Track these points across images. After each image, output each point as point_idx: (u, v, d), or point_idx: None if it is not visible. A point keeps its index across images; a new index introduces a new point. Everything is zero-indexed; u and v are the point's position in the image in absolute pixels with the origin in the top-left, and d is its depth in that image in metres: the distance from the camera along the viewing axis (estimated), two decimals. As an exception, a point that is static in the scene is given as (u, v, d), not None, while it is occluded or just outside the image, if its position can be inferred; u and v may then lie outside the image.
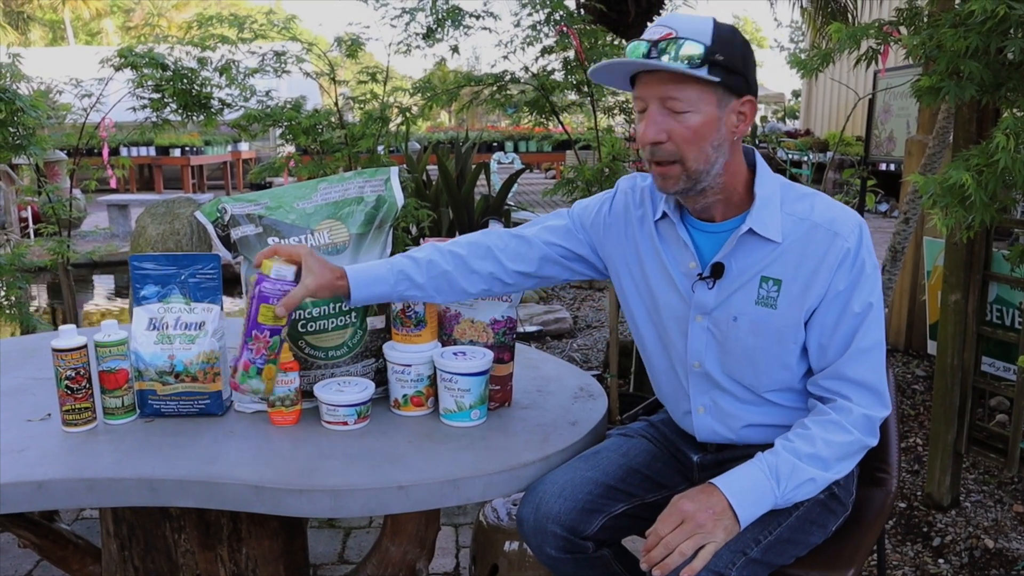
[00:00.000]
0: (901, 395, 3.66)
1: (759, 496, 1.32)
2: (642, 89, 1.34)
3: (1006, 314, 2.69)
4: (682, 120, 1.31)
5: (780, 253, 1.39)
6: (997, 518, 2.64)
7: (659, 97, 1.32)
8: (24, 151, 3.23)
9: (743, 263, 1.41)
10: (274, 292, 1.41)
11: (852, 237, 1.37)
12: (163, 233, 3.85)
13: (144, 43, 3.52)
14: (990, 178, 1.86)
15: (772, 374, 1.44)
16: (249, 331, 1.43)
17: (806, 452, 1.34)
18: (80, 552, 1.87)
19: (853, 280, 1.37)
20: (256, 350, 1.43)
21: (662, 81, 1.31)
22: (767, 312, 1.40)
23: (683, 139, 1.32)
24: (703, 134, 1.32)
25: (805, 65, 2.59)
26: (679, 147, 1.32)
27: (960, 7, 2.05)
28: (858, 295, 1.37)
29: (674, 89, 1.30)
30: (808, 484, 1.34)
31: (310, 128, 3.47)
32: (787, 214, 1.39)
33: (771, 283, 1.39)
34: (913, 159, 3.92)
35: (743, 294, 1.41)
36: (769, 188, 1.41)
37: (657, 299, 1.50)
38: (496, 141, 15.75)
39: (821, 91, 14.07)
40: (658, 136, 1.32)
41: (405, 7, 3.71)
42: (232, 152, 14.72)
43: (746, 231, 1.38)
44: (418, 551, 1.62)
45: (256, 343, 1.43)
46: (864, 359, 1.38)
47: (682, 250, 1.46)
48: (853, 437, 1.36)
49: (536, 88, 3.59)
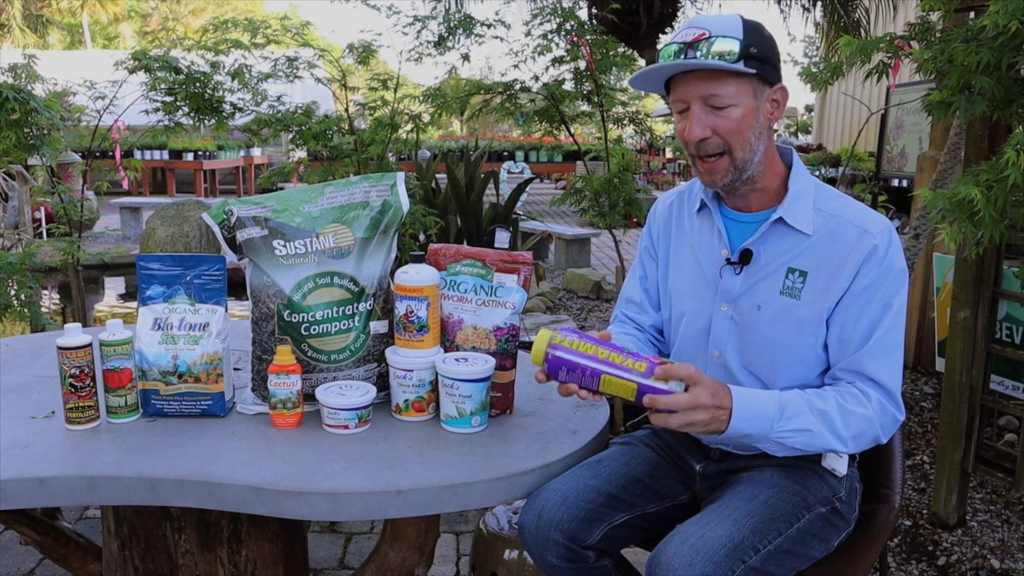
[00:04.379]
0: (909, 412, 3.64)
1: (758, 418, 1.33)
2: (682, 90, 1.39)
3: (1016, 332, 2.67)
4: (724, 115, 1.37)
5: (808, 245, 1.43)
6: (1004, 538, 2.61)
7: (700, 96, 1.37)
8: (38, 152, 3.26)
9: (771, 252, 1.45)
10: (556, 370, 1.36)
11: (881, 236, 1.40)
12: (172, 235, 3.88)
13: (160, 47, 3.55)
14: (1000, 194, 1.85)
15: (789, 369, 1.45)
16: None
17: (818, 407, 1.35)
18: (81, 550, 1.87)
19: (879, 277, 1.39)
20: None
21: (701, 80, 1.36)
22: (791, 303, 1.42)
23: (728, 132, 1.37)
24: (745, 125, 1.38)
25: (816, 78, 2.59)
26: (725, 140, 1.38)
27: (972, 22, 2.05)
28: (882, 292, 1.39)
29: (714, 86, 1.36)
30: (805, 434, 1.34)
31: (320, 134, 3.50)
32: (819, 210, 1.44)
33: (797, 274, 1.43)
34: (925, 175, 3.90)
35: (769, 283, 1.44)
36: (803, 184, 1.46)
37: (685, 287, 1.56)
38: (507, 150, 15.79)
39: (834, 106, 14.04)
40: (704, 133, 1.38)
41: (417, 15, 3.74)
42: (244, 157, 14.82)
43: (776, 220, 1.43)
44: (417, 557, 1.62)
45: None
46: (883, 358, 1.38)
47: (716, 238, 1.51)
48: (868, 412, 1.36)
49: (546, 97, 3.60)
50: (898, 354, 1.40)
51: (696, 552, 1.28)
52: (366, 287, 1.62)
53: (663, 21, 5.26)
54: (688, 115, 1.39)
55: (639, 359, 1.34)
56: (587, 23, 3.80)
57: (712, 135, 1.38)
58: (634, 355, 1.34)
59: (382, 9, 3.93)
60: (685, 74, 1.38)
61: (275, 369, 1.53)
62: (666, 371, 1.31)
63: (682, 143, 1.43)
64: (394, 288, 1.61)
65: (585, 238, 7.75)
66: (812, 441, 1.34)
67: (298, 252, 1.58)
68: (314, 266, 1.58)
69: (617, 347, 1.36)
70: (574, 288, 6.53)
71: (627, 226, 3.62)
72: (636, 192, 3.66)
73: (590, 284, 6.39)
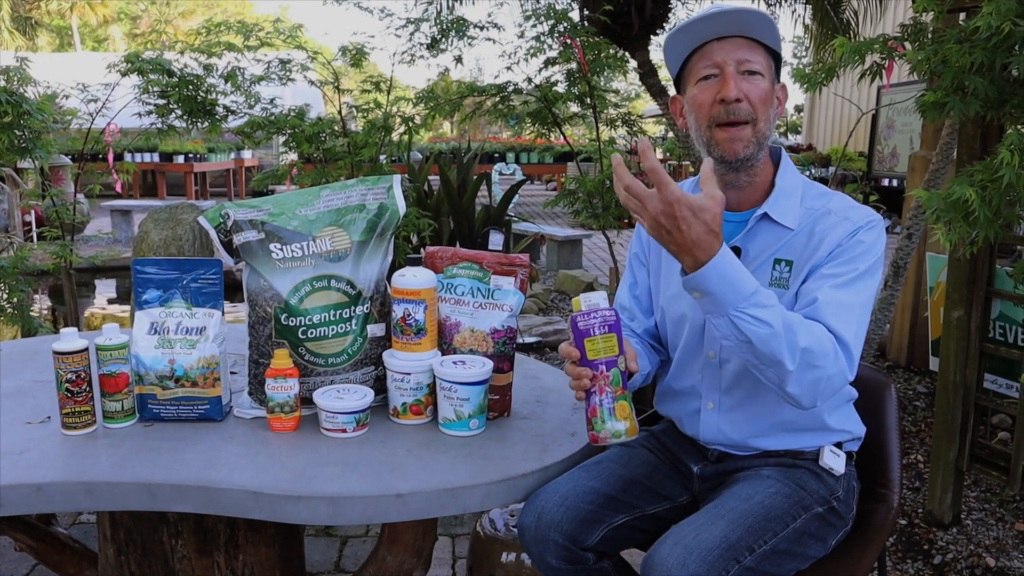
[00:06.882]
0: (903, 412, 3.65)
1: (731, 284, 1.25)
2: (717, 54, 1.42)
3: (1009, 331, 2.68)
4: (755, 82, 1.41)
5: (792, 237, 1.45)
6: (999, 536, 2.63)
7: (736, 60, 1.41)
8: (29, 154, 3.25)
9: (759, 247, 1.47)
10: (591, 324, 1.32)
11: (862, 221, 1.42)
12: (166, 239, 3.85)
13: (151, 49, 3.54)
14: (994, 194, 1.86)
15: None
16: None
17: (787, 315, 1.29)
18: (77, 556, 1.86)
19: (853, 246, 1.40)
20: (600, 389, 1.32)
21: (738, 47, 1.41)
22: (780, 293, 1.43)
23: (758, 99, 1.41)
24: (769, 99, 1.43)
25: (809, 79, 2.59)
26: (754, 107, 1.41)
27: (965, 23, 2.06)
28: (853, 258, 1.39)
29: (749, 53, 1.41)
30: (764, 327, 1.25)
31: (313, 136, 3.49)
32: (806, 208, 1.47)
33: (783, 264, 1.45)
34: (917, 175, 3.92)
35: (758, 276, 1.43)
36: (791, 181, 1.49)
37: (678, 288, 1.52)
38: (498, 152, 15.79)
39: (824, 106, 14.10)
40: (739, 94, 1.40)
41: (410, 17, 3.73)
42: (235, 159, 14.77)
43: (762, 216, 1.46)
44: (415, 561, 1.61)
45: (596, 383, 1.32)
46: (844, 315, 1.35)
47: None
48: (827, 347, 1.30)
49: (539, 99, 3.60)
50: (859, 315, 1.36)
51: (690, 552, 1.28)
52: (363, 290, 1.61)
53: (655, 23, 5.27)
54: (723, 77, 1.41)
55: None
56: (579, 24, 3.81)
57: (744, 99, 1.40)
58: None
59: (374, 12, 3.92)
60: (720, 40, 1.42)
61: (272, 373, 1.52)
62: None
63: (703, 111, 1.43)
64: (391, 291, 1.60)
65: (577, 239, 7.76)
66: (766, 339, 1.26)
67: (295, 255, 1.57)
68: (311, 269, 1.58)
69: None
70: (567, 289, 6.54)
71: (620, 227, 3.63)
72: (628, 193, 3.66)
73: (582, 286, 6.40)
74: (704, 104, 1.43)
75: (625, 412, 1.32)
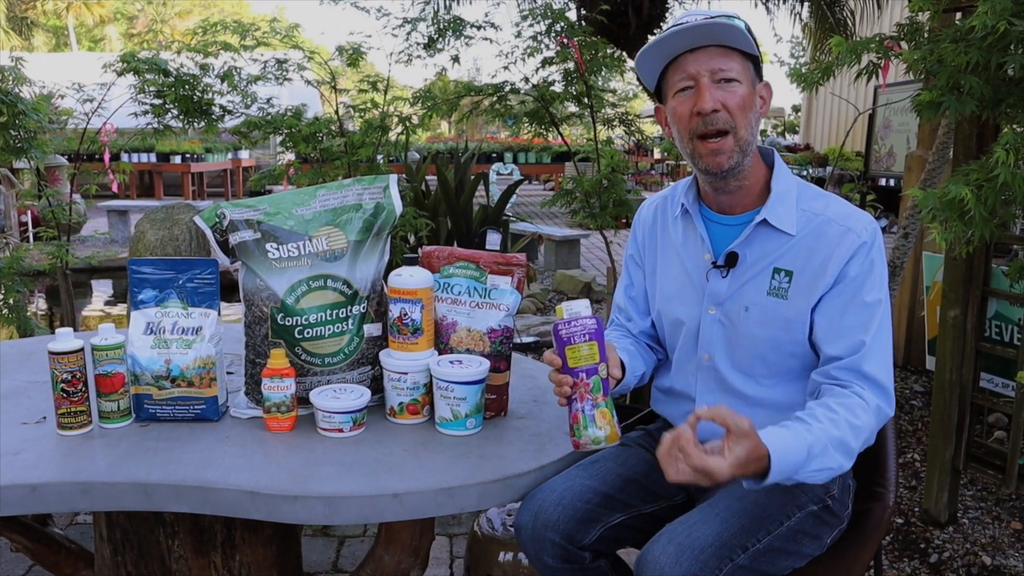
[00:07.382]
0: (899, 410, 3.66)
1: (790, 466, 1.24)
2: (691, 65, 1.40)
3: (1005, 330, 2.69)
4: (732, 90, 1.39)
5: (792, 245, 1.43)
6: (995, 535, 2.63)
7: (710, 70, 1.39)
8: (25, 154, 3.24)
9: (757, 253, 1.46)
10: (572, 332, 1.35)
11: (866, 234, 1.41)
12: (162, 239, 3.85)
13: (148, 49, 3.53)
14: (990, 193, 1.87)
15: (778, 367, 1.46)
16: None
17: (835, 436, 1.29)
18: (73, 557, 1.86)
19: (865, 271, 1.39)
20: (580, 396, 1.34)
21: (711, 56, 1.39)
22: (778, 303, 1.43)
23: (735, 107, 1.39)
24: (748, 104, 1.41)
25: (806, 79, 2.60)
26: (733, 115, 1.39)
27: (961, 23, 2.06)
28: (869, 286, 1.39)
29: (723, 61, 1.39)
30: (827, 472, 1.28)
31: (310, 136, 3.48)
32: (802, 210, 1.45)
33: (783, 274, 1.44)
34: (913, 174, 3.93)
35: (755, 284, 1.45)
36: (786, 184, 1.47)
37: (673, 291, 1.56)
38: (495, 152, 15.78)
39: (821, 106, 14.12)
40: (715, 104, 1.38)
41: (407, 17, 3.73)
42: (232, 160, 14.75)
43: (760, 222, 1.44)
44: (412, 560, 1.61)
45: (577, 390, 1.34)
46: (879, 356, 1.38)
47: (698, 242, 1.52)
48: (871, 420, 1.34)
49: (536, 99, 3.60)
50: (890, 348, 1.41)
51: (683, 550, 1.29)
52: (359, 290, 1.61)
53: (652, 22, 5.28)
54: (698, 88, 1.40)
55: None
56: (576, 24, 3.81)
57: (721, 109, 1.39)
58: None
59: (371, 11, 3.92)
60: (694, 51, 1.40)
61: (269, 373, 1.52)
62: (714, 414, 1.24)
63: (683, 123, 1.42)
64: (388, 291, 1.60)
65: (574, 239, 7.76)
66: (833, 473, 1.30)
67: (291, 255, 1.57)
68: (307, 269, 1.57)
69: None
70: (564, 289, 6.54)
71: (617, 227, 3.63)
72: (626, 193, 3.67)
73: (580, 285, 6.40)
74: (683, 116, 1.42)
75: (606, 418, 1.35)
